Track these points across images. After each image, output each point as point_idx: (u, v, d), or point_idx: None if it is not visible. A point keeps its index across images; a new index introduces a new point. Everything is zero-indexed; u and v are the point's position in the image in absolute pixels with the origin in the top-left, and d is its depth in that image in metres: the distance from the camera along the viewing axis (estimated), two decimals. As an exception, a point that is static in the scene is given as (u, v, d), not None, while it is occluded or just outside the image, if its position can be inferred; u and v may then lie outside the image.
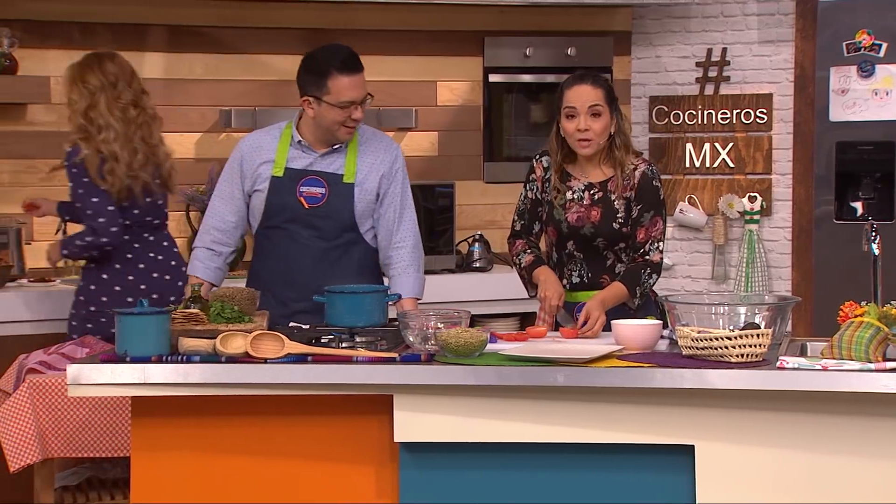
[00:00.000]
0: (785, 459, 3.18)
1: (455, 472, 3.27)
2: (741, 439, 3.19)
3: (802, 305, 5.68)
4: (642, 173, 3.84)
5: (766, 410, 3.18)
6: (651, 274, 3.81)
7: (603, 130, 3.80)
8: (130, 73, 4.47)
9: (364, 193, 3.97)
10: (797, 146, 5.95)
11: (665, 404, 3.21)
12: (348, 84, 3.83)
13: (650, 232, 3.83)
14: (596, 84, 3.80)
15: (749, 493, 3.20)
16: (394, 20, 5.71)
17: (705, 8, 6.04)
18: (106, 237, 4.33)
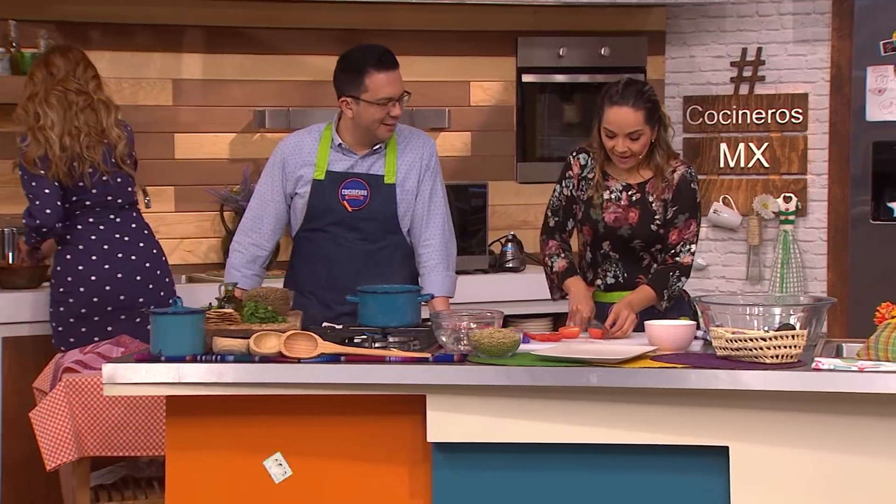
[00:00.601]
0: (820, 461, 3.16)
1: (488, 472, 3.27)
2: (776, 441, 3.17)
3: (838, 306, 5.64)
4: (681, 175, 3.83)
5: (801, 412, 3.16)
6: (680, 276, 3.80)
7: (642, 148, 3.79)
8: (78, 63, 4.55)
9: (405, 193, 3.98)
10: (833, 146, 5.91)
11: (699, 405, 3.19)
12: (385, 80, 3.84)
13: (683, 234, 3.81)
14: (637, 106, 3.74)
15: (784, 495, 3.18)
16: (427, 20, 5.72)
17: (740, 7, 6.00)
18: (40, 219, 4.44)
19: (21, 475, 4.73)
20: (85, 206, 4.51)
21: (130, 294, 4.46)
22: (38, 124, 4.45)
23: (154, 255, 4.56)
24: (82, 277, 4.47)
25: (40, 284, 4.93)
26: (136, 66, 5.36)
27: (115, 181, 4.54)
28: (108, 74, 5.29)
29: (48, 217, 4.44)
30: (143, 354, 3.33)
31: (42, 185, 4.45)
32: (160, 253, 4.62)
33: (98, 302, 4.46)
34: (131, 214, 4.60)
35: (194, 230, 5.50)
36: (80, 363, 4.13)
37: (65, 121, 4.45)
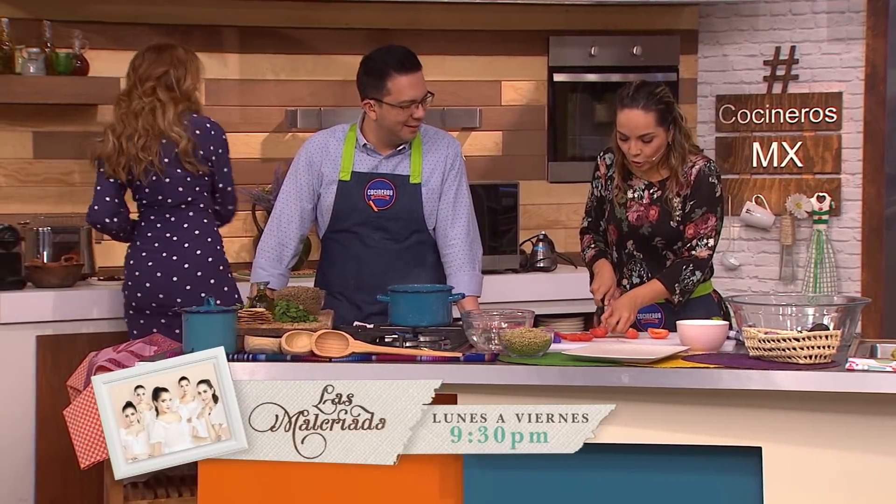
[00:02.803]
0: (853, 462, 3.14)
1: (519, 472, 3.27)
2: (809, 441, 3.15)
3: (872, 306, 5.60)
4: (699, 170, 3.81)
5: (835, 412, 3.14)
6: (694, 271, 3.76)
7: (656, 151, 3.78)
8: (153, 62, 4.57)
9: (430, 193, 3.98)
10: (867, 145, 5.86)
11: (732, 406, 3.18)
12: (408, 83, 3.84)
13: (699, 228, 3.78)
14: (648, 108, 3.73)
15: (817, 496, 3.16)
16: (457, 20, 5.72)
17: (773, 6, 5.97)
18: (88, 214, 4.60)
19: (55, 473, 4.77)
20: (143, 204, 4.60)
21: (168, 294, 4.49)
22: (109, 123, 4.60)
23: (197, 256, 4.55)
24: (132, 273, 4.57)
25: (74, 283, 4.97)
26: (169, 66, 5.38)
27: (165, 181, 4.56)
28: (141, 74, 5.34)
29: (95, 213, 4.57)
30: (176, 353, 3.35)
31: (97, 182, 4.58)
32: (208, 255, 4.58)
33: (141, 298, 4.52)
34: (186, 214, 4.60)
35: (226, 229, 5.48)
36: (114, 361, 4.15)
37: (125, 122, 4.52)
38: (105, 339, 4.64)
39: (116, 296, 4.91)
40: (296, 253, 4.06)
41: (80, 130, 5.27)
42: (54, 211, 5.21)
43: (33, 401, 4.75)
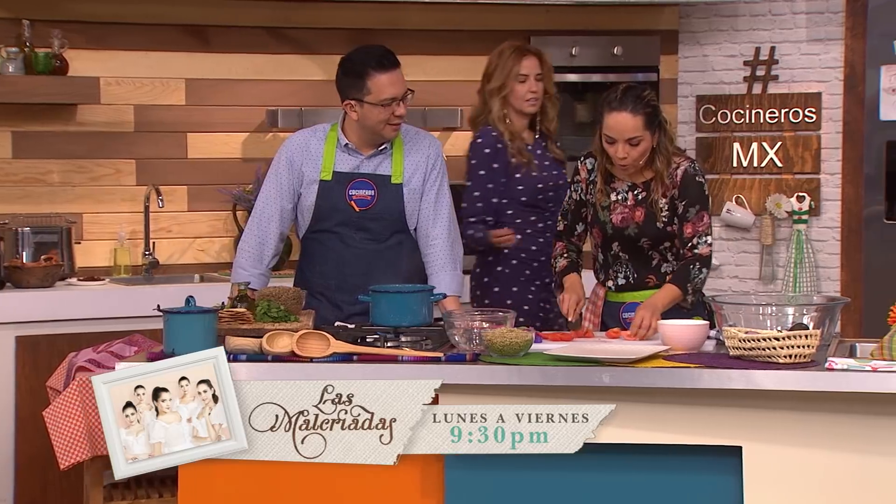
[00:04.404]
0: (833, 461, 3.15)
1: (500, 471, 3.27)
2: (789, 441, 3.17)
3: (852, 306, 5.63)
4: (684, 171, 3.83)
5: (815, 412, 3.16)
6: (701, 268, 3.80)
7: (642, 155, 3.80)
8: (495, 64, 4.58)
9: (412, 193, 3.98)
10: (847, 145, 5.89)
11: (712, 405, 3.19)
12: (387, 81, 3.84)
13: (697, 227, 3.81)
14: (636, 111, 3.74)
15: (797, 495, 3.18)
16: (439, 20, 5.72)
17: (753, 6, 5.99)
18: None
19: (35, 473, 4.75)
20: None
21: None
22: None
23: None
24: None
25: (53, 284, 4.95)
26: (149, 65, 5.37)
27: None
28: (121, 74, 5.34)
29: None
30: (156, 353, 3.34)
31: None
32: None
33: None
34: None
35: (207, 229, 5.52)
36: (93, 362, 4.14)
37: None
38: (85, 340, 4.62)
39: (96, 296, 4.90)
40: (276, 253, 4.05)
41: (59, 130, 5.26)
42: (34, 211, 5.19)
43: (13, 401, 4.73)
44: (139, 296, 4.86)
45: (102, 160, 5.34)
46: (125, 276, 5.28)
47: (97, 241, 5.33)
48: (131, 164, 5.38)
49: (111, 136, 5.34)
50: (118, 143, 5.34)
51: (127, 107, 5.35)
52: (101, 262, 5.32)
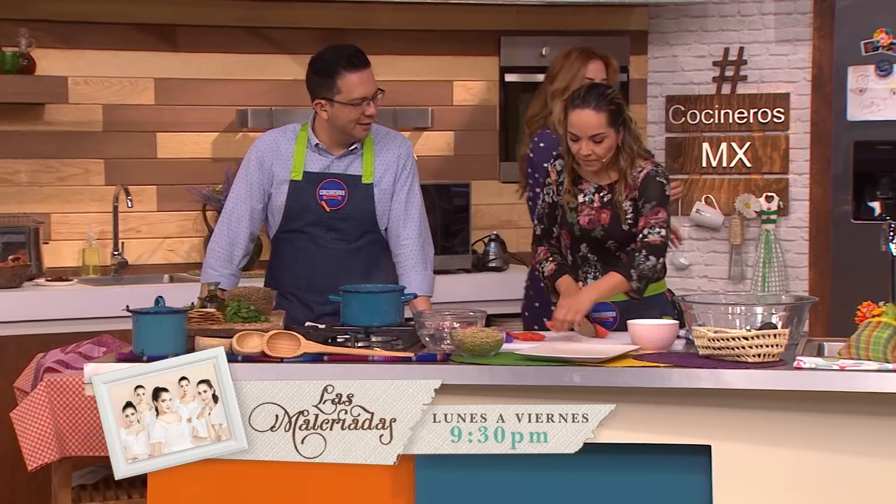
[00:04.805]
0: (802, 460, 3.17)
1: (470, 471, 3.27)
2: (758, 439, 3.18)
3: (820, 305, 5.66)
4: (646, 173, 3.83)
5: (783, 410, 3.17)
6: (648, 256, 3.75)
7: (606, 152, 3.80)
8: (560, 66, 4.53)
9: (382, 193, 3.98)
10: (815, 146, 5.93)
11: (682, 404, 3.20)
12: (358, 80, 3.84)
13: (649, 219, 3.78)
14: (599, 108, 3.75)
15: (766, 494, 3.19)
16: (409, 20, 5.71)
17: (722, 7, 6.02)
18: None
19: (3, 475, 4.72)
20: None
21: None
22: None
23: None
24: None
25: (21, 284, 4.91)
26: (118, 65, 5.35)
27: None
28: (89, 73, 5.31)
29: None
30: (125, 354, 3.32)
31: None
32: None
33: None
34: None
35: (177, 230, 5.50)
36: (62, 363, 4.12)
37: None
38: (53, 341, 4.59)
39: (64, 296, 4.87)
40: (246, 253, 4.04)
41: (27, 130, 5.22)
42: (1, 211, 5.16)
43: (-20, 403, 4.70)
44: (108, 296, 4.83)
45: (71, 160, 5.31)
46: (94, 276, 5.25)
47: (65, 241, 5.30)
48: (100, 163, 5.35)
49: (79, 136, 5.31)
50: (87, 143, 5.32)
51: (95, 106, 5.32)
52: (70, 263, 5.29)
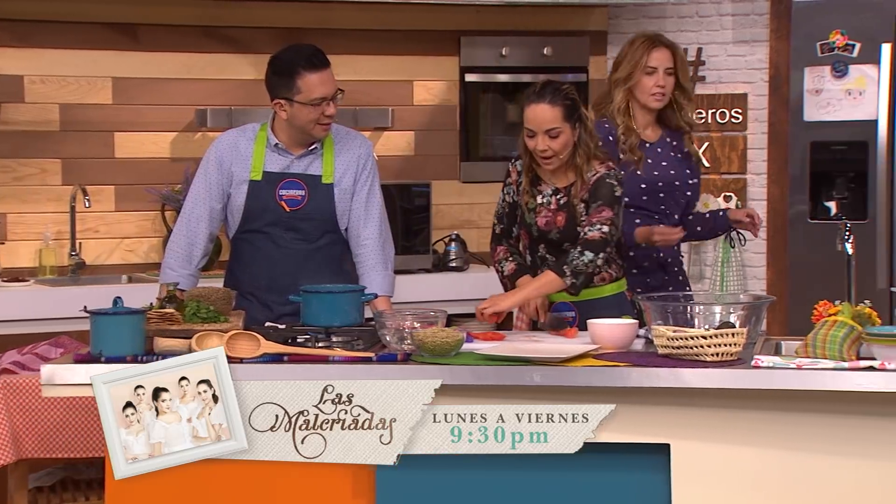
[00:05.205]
0: (760, 457, 3.20)
1: (431, 471, 3.27)
2: (716, 438, 3.20)
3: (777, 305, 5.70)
4: (599, 176, 3.83)
5: (741, 409, 3.20)
6: (583, 251, 3.74)
7: (563, 147, 3.81)
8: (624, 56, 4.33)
9: (342, 193, 3.97)
10: (772, 146, 5.97)
11: (641, 403, 3.21)
12: (318, 80, 3.83)
13: (592, 218, 3.78)
14: (554, 103, 3.77)
15: (724, 492, 3.22)
16: (369, 20, 5.71)
17: (680, 8, 6.05)
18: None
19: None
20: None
21: None
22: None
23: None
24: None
25: (-23, 285, 4.87)
26: (75, 64, 5.31)
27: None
28: (47, 72, 5.27)
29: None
30: (83, 355, 3.30)
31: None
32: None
33: None
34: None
35: (135, 230, 5.46)
36: (18, 364, 4.08)
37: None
38: (10, 342, 4.54)
39: (21, 297, 4.83)
40: (205, 253, 4.02)
41: (-17, 129, 5.18)
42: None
43: (-65, 405, 4.64)
44: (65, 297, 4.80)
45: (27, 160, 5.26)
46: (51, 276, 5.21)
47: (22, 241, 5.25)
48: (57, 163, 5.31)
49: (36, 136, 5.26)
50: (43, 143, 5.27)
51: (52, 105, 5.28)
52: (26, 263, 5.25)
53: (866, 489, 3.17)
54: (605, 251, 3.76)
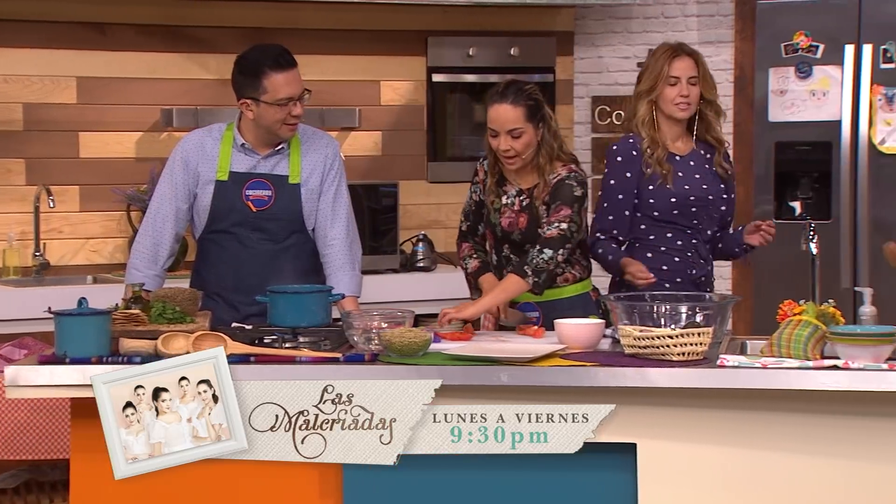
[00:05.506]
0: (726, 457, 3.22)
1: (397, 471, 3.27)
2: (682, 437, 3.22)
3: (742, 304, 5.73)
4: (559, 178, 3.84)
5: (707, 408, 3.21)
6: (542, 249, 3.74)
7: (526, 147, 3.81)
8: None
9: (309, 193, 3.97)
10: (737, 146, 6.00)
11: (607, 403, 3.22)
12: (284, 80, 3.82)
13: (551, 217, 3.80)
14: (516, 103, 3.78)
15: (690, 491, 3.23)
16: (336, 20, 5.70)
17: (646, 9, 6.08)
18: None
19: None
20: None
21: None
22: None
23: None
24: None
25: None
26: (39, 63, 5.27)
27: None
28: (10, 72, 5.23)
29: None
30: (47, 356, 3.28)
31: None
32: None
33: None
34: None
35: (100, 230, 5.43)
36: (-18, 366, 4.05)
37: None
38: (-27, 343, 4.52)
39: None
40: (171, 253, 4.00)
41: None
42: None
43: None
44: (29, 297, 4.76)
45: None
46: (15, 277, 5.17)
47: (-11, 242, 5.22)
48: (21, 163, 5.27)
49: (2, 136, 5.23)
50: (7, 143, 5.24)
51: (16, 105, 5.24)
52: (-10, 264, 5.21)
53: (831, 487, 3.19)
54: (565, 247, 3.76)
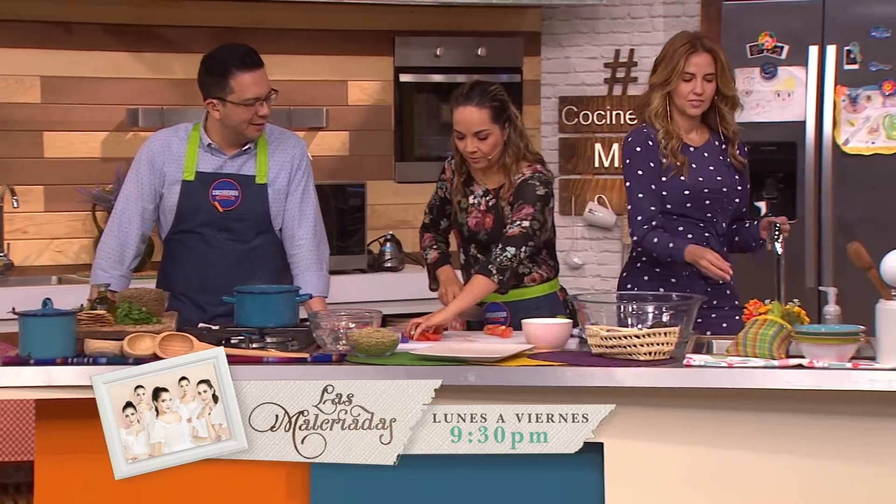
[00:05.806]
0: (692, 456, 3.23)
1: (365, 471, 3.26)
2: (649, 436, 3.23)
3: (709, 303, 5.77)
4: (523, 178, 3.84)
5: (674, 408, 3.23)
6: (504, 248, 3.73)
7: (492, 148, 3.82)
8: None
9: (276, 193, 3.96)
10: (703, 147, 6.04)
11: (575, 402, 3.23)
12: (251, 80, 3.81)
13: (514, 216, 3.79)
14: (482, 105, 3.78)
15: (657, 491, 3.25)
16: (303, 19, 5.69)
17: (612, 9, 6.11)
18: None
19: None
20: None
21: None
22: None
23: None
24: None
25: None
26: (2, 62, 5.23)
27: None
28: (-27, 70, 5.19)
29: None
30: (11, 357, 3.25)
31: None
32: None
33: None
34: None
35: (65, 230, 5.40)
36: (-55, 368, 4.01)
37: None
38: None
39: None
40: (137, 254, 3.99)
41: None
42: None
43: None
44: (-7, 299, 4.72)
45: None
46: (-18, 276, 5.13)
47: (-51, 242, 5.17)
48: (-16, 163, 5.24)
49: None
50: (-30, 142, 5.20)
51: (-21, 104, 5.21)
52: (-46, 265, 5.17)
53: (796, 486, 3.21)
54: (528, 245, 3.76)
